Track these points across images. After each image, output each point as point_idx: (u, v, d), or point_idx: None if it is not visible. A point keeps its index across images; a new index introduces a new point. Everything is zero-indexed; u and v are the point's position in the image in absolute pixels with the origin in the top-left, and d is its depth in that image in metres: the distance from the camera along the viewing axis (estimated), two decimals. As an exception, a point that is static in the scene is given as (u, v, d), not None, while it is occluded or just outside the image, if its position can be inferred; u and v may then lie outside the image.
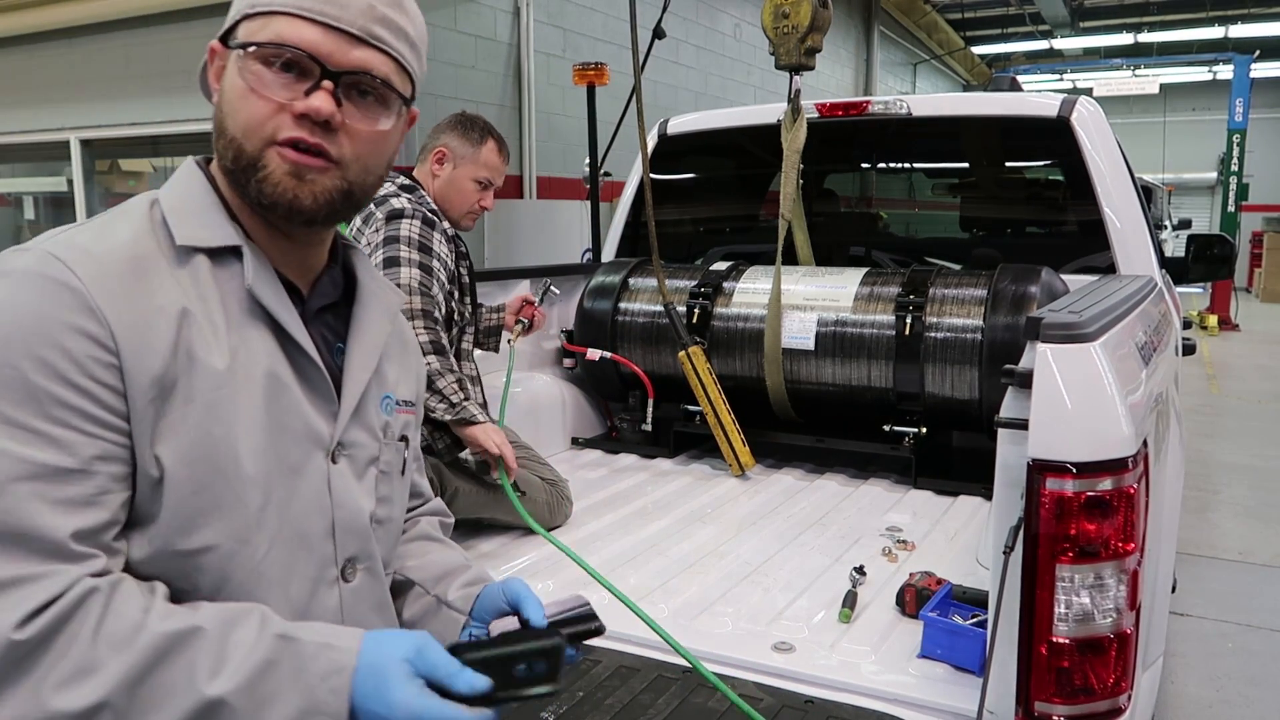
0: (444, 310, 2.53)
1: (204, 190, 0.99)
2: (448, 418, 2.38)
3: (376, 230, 2.50)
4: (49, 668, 0.78)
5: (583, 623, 1.01)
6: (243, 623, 0.86)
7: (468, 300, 2.72)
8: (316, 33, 0.94)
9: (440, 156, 2.65)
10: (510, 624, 1.06)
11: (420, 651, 0.87)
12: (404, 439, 1.15)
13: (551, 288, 3.41)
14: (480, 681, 0.86)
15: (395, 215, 2.49)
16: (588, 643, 1.06)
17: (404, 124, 1.05)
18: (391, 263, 2.42)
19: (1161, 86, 17.20)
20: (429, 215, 2.54)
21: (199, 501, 0.90)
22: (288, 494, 0.97)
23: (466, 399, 2.41)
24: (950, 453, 3.14)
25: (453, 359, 2.48)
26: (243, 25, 0.97)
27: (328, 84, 0.94)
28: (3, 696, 0.77)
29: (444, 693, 0.86)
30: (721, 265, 3.42)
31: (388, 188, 2.62)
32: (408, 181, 2.66)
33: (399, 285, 2.37)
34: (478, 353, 2.89)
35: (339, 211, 0.99)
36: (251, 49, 0.94)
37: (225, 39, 0.99)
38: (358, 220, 2.61)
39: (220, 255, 0.96)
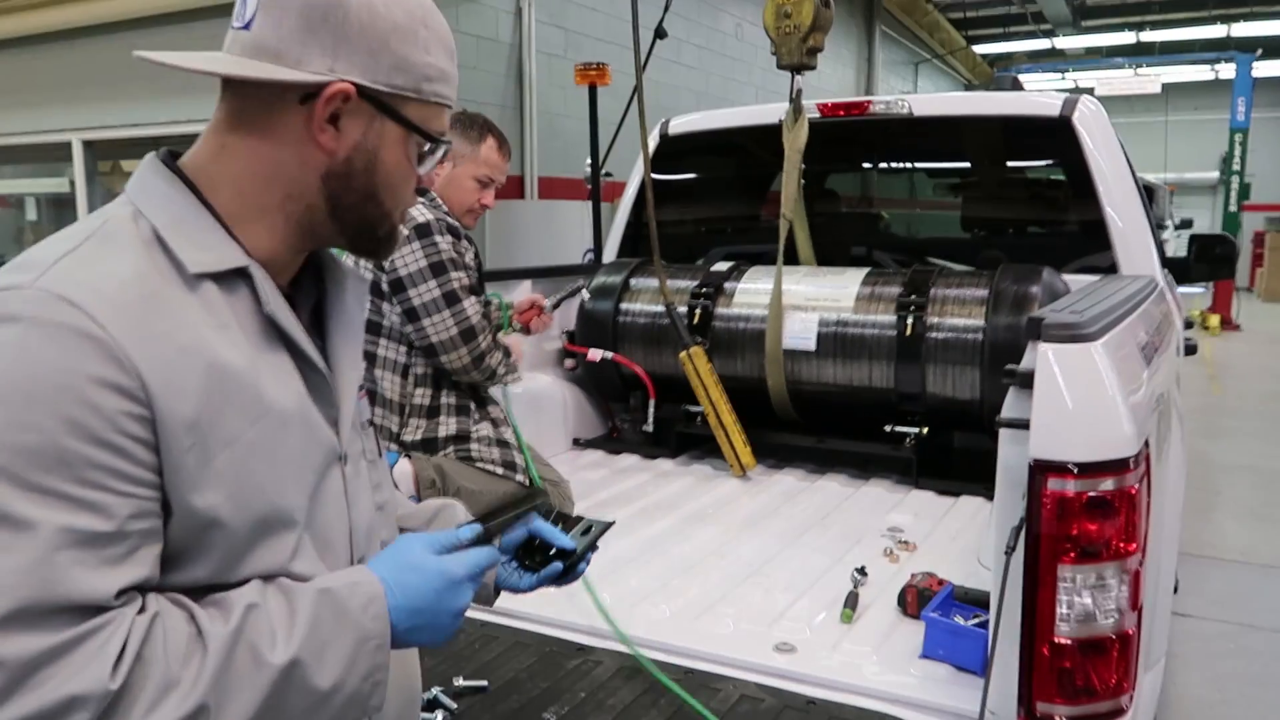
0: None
1: (196, 206, 0.93)
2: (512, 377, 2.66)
3: (405, 243, 2.46)
4: (134, 700, 0.79)
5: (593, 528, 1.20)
6: (274, 594, 0.89)
7: (479, 299, 2.72)
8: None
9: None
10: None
11: (420, 538, 1.02)
12: (370, 422, 1.16)
13: (584, 291, 3.40)
14: (475, 528, 1.06)
15: (424, 231, 2.47)
16: (589, 643, 1.09)
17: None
18: (453, 299, 2.46)
19: (1163, 86, 17.17)
20: (450, 224, 2.54)
21: (253, 538, 0.89)
22: (317, 509, 0.97)
23: (500, 358, 2.59)
24: (952, 453, 3.14)
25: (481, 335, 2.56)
26: (414, 107, 0.97)
27: None
28: None
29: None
30: (723, 266, 3.42)
31: None
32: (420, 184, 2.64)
33: (470, 326, 2.48)
34: None
35: None
36: (432, 140, 1.00)
37: (380, 101, 0.95)
38: None
39: (226, 277, 0.92)
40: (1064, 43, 18.32)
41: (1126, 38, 17.55)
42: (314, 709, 0.88)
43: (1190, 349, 3.30)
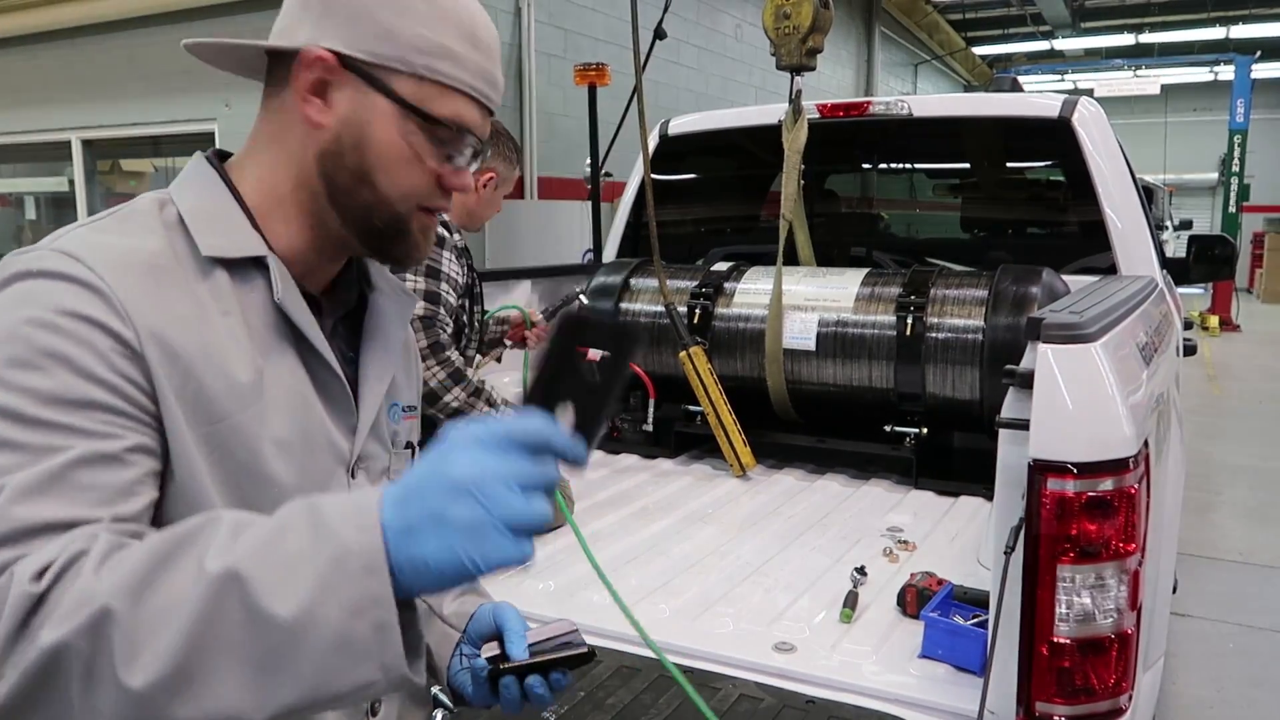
0: (453, 328, 2.51)
1: (225, 195, 0.94)
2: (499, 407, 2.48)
3: None
4: (47, 613, 0.68)
5: (567, 649, 1.01)
6: (240, 513, 0.75)
7: (476, 309, 2.70)
8: (480, 116, 0.96)
9: (490, 181, 2.64)
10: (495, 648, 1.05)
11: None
12: (410, 446, 1.13)
13: (580, 298, 3.37)
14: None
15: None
16: (591, 643, 1.06)
17: None
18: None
19: (1163, 87, 17.20)
20: (439, 232, 2.51)
21: None
22: None
23: (497, 411, 2.47)
24: (951, 453, 3.14)
25: (468, 375, 2.46)
26: (408, 82, 0.91)
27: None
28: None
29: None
30: (722, 266, 3.42)
31: None
32: None
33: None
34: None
35: None
36: (432, 123, 0.92)
37: (363, 71, 0.91)
38: None
39: (242, 266, 0.91)
40: (1063, 44, 18.33)
41: (1126, 39, 17.56)
42: (280, 649, 0.66)
43: (1190, 350, 3.31)
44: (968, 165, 3.89)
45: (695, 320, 3.22)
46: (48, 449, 0.76)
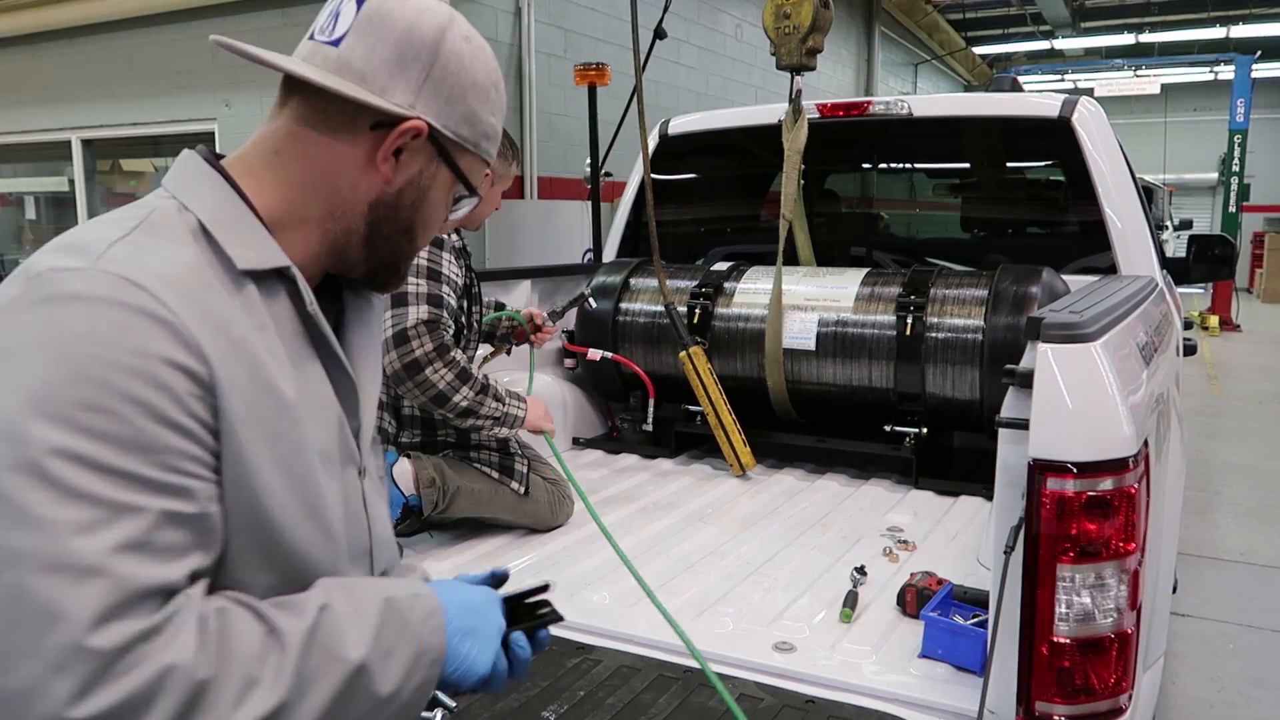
0: (454, 329, 2.48)
1: (241, 204, 0.92)
2: (507, 431, 2.49)
3: None
4: (221, 692, 0.76)
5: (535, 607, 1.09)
6: (340, 597, 0.88)
7: (475, 309, 2.68)
8: None
9: (486, 178, 2.64)
10: None
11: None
12: (377, 438, 1.15)
13: (589, 300, 3.32)
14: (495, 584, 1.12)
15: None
16: (588, 642, 1.09)
17: None
18: (399, 302, 2.33)
19: (1163, 87, 17.18)
20: (454, 244, 2.51)
21: (296, 539, 0.89)
22: (344, 519, 0.96)
23: (504, 404, 2.45)
24: (951, 453, 3.14)
25: (473, 373, 2.43)
26: (467, 159, 1.01)
27: None
28: None
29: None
30: (722, 265, 3.42)
31: None
32: None
33: (405, 329, 2.30)
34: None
35: None
36: (469, 189, 1.03)
37: (443, 146, 0.98)
38: None
39: (266, 278, 0.91)
40: (1063, 44, 18.32)
41: (1126, 39, 17.54)
42: (369, 716, 0.86)
43: (1190, 349, 3.31)
44: (968, 165, 3.89)
45: (695, 320, 3.22)
46: (130, 504, 0.75)
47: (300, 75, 0.92)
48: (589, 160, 4.88)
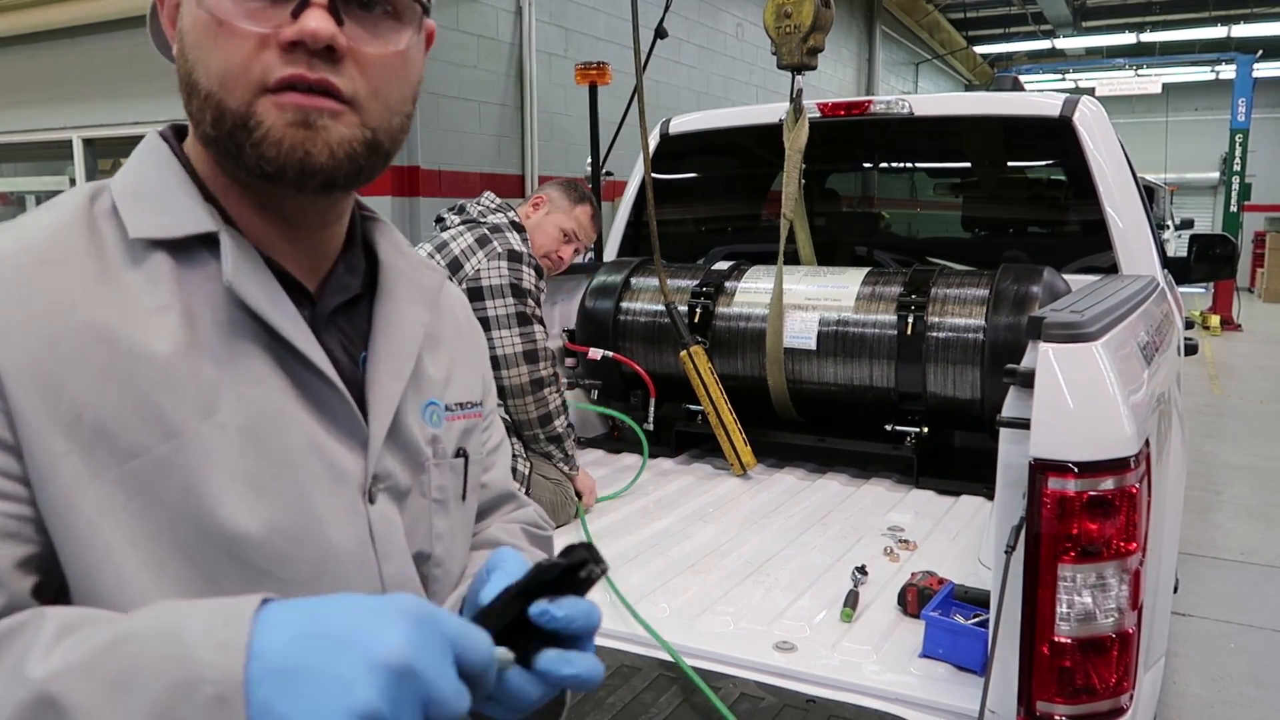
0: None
1: (170, 166, 0.77)
2: (564, 472, 2.67)
3: (496, 260, 2.59)
4: None
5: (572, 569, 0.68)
6: (89, 611, 0.64)
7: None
8: None
9: (538, 202, 2.88)
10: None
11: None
12: (461, 453, 0.90)
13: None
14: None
15: (516, 257, 2.61)
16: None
17: (424, 42, 0.81)
18: (524, 321, 2.57)
19: (1164, 86, 17.20)
20: (538, 264, 2.69)
21: (185, 577, 0.68)
22: (317, 559, 0.74)
23: (572, 450, 2.69)
24: (952, 452, 3.14)
25: (556, 423, 2.67)
26: None
27: None
28: None
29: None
30: (723, 265, 3.42)
31: (505, 216, 2.76)
32: (518, 219, 2.80)
33: (538, 349, 2.57)
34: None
35: (363, 168, 0.76)
36: None
37: None
38: (470, 238, 2.66)
39: (189, 249, 0.74)
40: (1064, 43, 18.32)
41: (1127, 38, 17.55)
42: None
43: (1191, 349, 3.31)
44: (969, 164, 3.89)
45: (696, 319, 3.22)
46: None
47: None
48: (590, 159, 4.89)
